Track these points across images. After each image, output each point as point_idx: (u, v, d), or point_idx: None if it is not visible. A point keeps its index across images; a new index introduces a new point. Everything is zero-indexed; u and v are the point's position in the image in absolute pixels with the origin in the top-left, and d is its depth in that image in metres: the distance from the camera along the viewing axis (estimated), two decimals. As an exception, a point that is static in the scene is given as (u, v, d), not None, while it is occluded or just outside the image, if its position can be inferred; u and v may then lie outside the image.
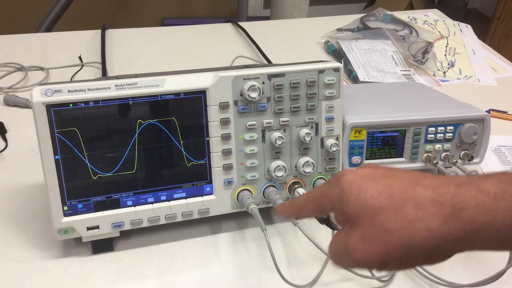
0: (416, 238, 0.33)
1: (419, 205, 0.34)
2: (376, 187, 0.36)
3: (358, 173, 0.38)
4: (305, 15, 2.33)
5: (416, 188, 0.35)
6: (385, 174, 0.37)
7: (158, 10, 3.02)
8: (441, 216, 0.33)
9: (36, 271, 0.62)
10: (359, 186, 0.36)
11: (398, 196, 0.34)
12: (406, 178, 0.36)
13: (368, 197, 0.36)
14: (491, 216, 0.32)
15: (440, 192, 0.34)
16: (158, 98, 0.61)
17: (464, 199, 0.33)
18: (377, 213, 0.35)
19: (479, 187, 0.33)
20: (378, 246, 0.35)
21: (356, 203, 0.36)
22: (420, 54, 1.16)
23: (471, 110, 0.74)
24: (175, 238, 0.68)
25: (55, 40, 1.22)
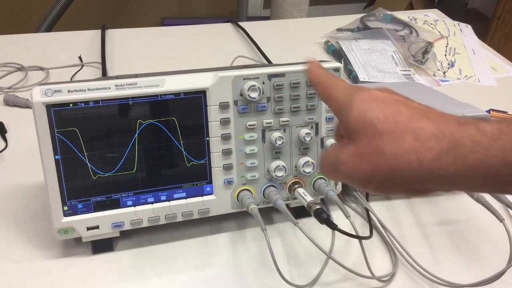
0: (404, 167, 0.35)
1: (418, 137, 0.34)
2: (385, 111, 0.36)
3: (373, 94, 0.38)
4: (305, 15, 2.33)
5: (421, 120, 0.35)
6: (398, 101, 0.37)
7: (158, 10, 3.02)
8: (435, 151, 0.34)
9: (36, 271, 0.62)
10: (369, 105, 0.37)
11: (402, 124, 0.35)
12: (415, 109, 0.36)
13: (374, 118, 0.36)
14: (483, 154, 0.33)
15: (441, 128, 0.34)
16: (158, 98, 0.61)
17: (462, 137, 0.34)
18: (377, 135, 0.36)
19: (478, 127, 0.34)
20: (367, 165, 0.36)
21: (360, 120, 0.37)
22: (420, 54, 1.16)
23: (471, 110, 0.74)
24: (175, 238, 0.68)
25: (55, 40, 1.22)
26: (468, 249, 0.69)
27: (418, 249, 0.68)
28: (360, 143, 0.37)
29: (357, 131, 0.37)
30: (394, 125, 0.35)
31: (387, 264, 0.66)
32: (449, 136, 0.34)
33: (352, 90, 0.39)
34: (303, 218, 0.70)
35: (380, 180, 0.36)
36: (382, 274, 0.64)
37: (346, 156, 0.37)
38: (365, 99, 0.37)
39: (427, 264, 0.65)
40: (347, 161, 0.37)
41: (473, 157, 0.33)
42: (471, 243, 0.70)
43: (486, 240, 0.70)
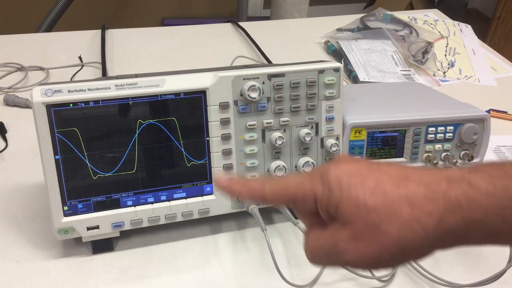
0: (412, 238, 0.33)
1: (413, 203, 0.33)
2: (367, 184, 0.34)
3: (344, 169, 0.36)
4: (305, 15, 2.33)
5: (408, 185, 0.33)
6: (372, 169, 0.35)
7: (158, 10, 3.02)
8: (435, 215, 0.32)
9: (36, 271, 0.62)
10: (349, 183, 0.35)
11: (392, 194, 0.33)
12: (395, 173, 0.35)
13: (360, 195, 0.34)
14: (482, 213, 0.32)
15: (432, 188, 0.33)
16: (158, 98, 0.61)
17: (456, 195, 0.32)
18: (371, 212, 0.33)
19: (470, 183, 0.32)
20: (372, 246, 0.34)
21: (348, 202, 0.34)
22: (420, 54, 1.16)
23: (471, 110, 0.74)
24: (175, 238, 0.68)
25: (55, 40, 1.22)
26: (468, 249, 0.69)
27: (418, 249, 0.68)
28: (355, 224, 0.34)
29: (347, 214, 0.34)
30: (384, 196, 0.33)
31: (387, 264, 0.66)
32: (442, 196, 0.32)
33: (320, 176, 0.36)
34: (303, 218, 0.70)
35: (390, 257, 0.34)
36: (382, 274, 0.64)
37: (345, 242, 0.35)
38: (341, 178, 0.35)
39: (427, 264, 0.65)
40: (349, 247, 0.35)
41: (473, 218, 0.32)
42: (471, 243, 0.70)
43: (486, 240, 0.70)
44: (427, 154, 0.73)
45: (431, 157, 0.73)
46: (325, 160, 0.69)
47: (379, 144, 0.72)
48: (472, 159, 0.75)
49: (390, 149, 0.73)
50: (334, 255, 0.36)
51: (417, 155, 0.73)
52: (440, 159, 0.74)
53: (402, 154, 0.73)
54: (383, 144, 0.72)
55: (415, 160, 0.74)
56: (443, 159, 0.74)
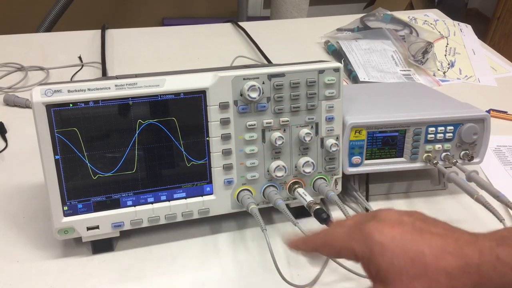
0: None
1: (451, 276, 0.37)
2: (409, 254, 0.38)
3: (387, 234, 0.39)
4: (305, 15, 2.33)
5: (446, 258, 0.37)
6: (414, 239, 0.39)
7: (158, 10, 3.02)
8: (470, 286, 0.36)
9: (36, 271, 0.62)
10: (392, 251, 0.38)
11: (431, 266, 0.37)
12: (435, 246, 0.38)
13: (402, 263, 0.38)
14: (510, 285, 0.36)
15: (467, 262, 0.37)
16: (158, 98, 0.61)
17: (488, 270, 0.36)
18: (412, 279, 0.37)
19: (498, 257, 0.36)
20: None
21: (391, 268, 0.38)
22: (420, 54, 1.16)
23: (471, 110, 0.74)
24: (175, 238, 0.68)
25: (55, 40, 1.22)
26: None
27: (418, 249, 0.68)
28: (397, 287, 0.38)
29: (389, 277, 0.38)
30: (424, 268, 0.37)
31: (387, 264, 0.66)
32: (476, 270, 0.36)
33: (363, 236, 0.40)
34: (303, 218, 0.70)
35: None
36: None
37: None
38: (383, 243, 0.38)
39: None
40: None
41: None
42: (471, 243, 0.70)
43: (486, 240, 0.70)
44: (427, 154, 0.73)
45: (431, 157, 0.73)
46: (325, 160, 0.69)
47: (379, 144, 0.72)
48: (472, 159, 0.75)
49: (390, 149, 0.73)
50: None
51: (417, 155, 0.73)
52: (440, 159, 0.74)
53: (402, 154, 0.73)
54: (383, 144, 0.72)
55: (415, 160, 0.74)
56: (443, 159, 0.74)
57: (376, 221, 0.40)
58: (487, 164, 0.86)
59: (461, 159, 0.75)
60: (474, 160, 0.75)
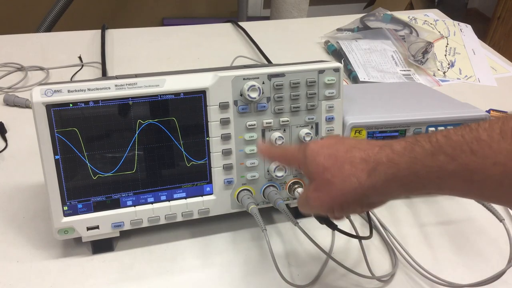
0: (350, 188, 0.45)
1: (353, 163, 0.45)
2: (327, 151, 0.48)
3: (318, 143, 0.50)
4: (305, 15, 2.33)
5: (353, 151, 0.46)
6: (337, 142, 0.49)
7: (158, 10, 3.02)
8: (367, 171, 0.44)
9: (36, 271, 0.62)
10: (317, 152, 0.49)
11: (340, 157, 0.46)
12: (348, 144, 0.48)
13: (321, 159, 0.48)
14: (396, 168, 0.42)
15: (367, 153, 0.45)
16: (158, 98, 0.61)
17: (381, 157, 0.44)
18: (325, 170, 0.47)
19: (391, 147, 0.44)
20: (325, 195, 0.47)
21: (313, 164, 0.48)
22: (420, 54, 1.16)
23: (471, 110, 0.74)
24: (175, 238, 0.68)
25: (55, 40, 1.22)
26: (468, 249, 0.69)
27: (418, 249, 0.68)
28: (316, 179, 0.48)
29: (313, 173, 0.48)
30: (335, 159, 0.47)
31: (387, 264, 0.66)
32: (373, 158, 0.44)
33: (303, 147, 0.51)
34: (303, 218, 0.70)
35: (339, 203, 0.47)
36: (382, 274, 0.64)
37: (310, 191, 0.49)
38: (313, 148, 0.49)
39: (427, 264, 0.65)
40: (311, 195, 0.49)
41: (390, 172, 0.43)
42: (471, 243, 0.70)
43: (486, 240, 0.70)
44: (427, 154, 0.73)
45: (431, 157, 0.73)
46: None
47: (379, 144, 0.72)
48: (472, 159, 0.75)
49: (390, 149, 0.73)
50: (306, 202, 0.50)
51: (417, 155, 0.73)
52: (440, 159, 0.74)
53: (402, 154, 0.73)
54: (383, 144, 0.72)
55: (415, 160, 0.73)
56: (443, 159, 0.74)
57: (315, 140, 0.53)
58: (487, 164, 0.85)
59: (461, 159, 0.74)
60: (474, 160, 0.75)
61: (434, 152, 0.40)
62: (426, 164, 0.41)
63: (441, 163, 0.40)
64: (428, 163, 0.41)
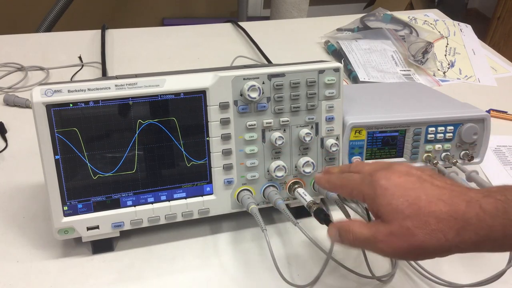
0: (435, 243, 0.43)
1: (439, 219, 0.43)
2: (407, 198, 0.45)
3: (391, 180, 0.46)
4: (305, 15, 2.33)
5: (438, 204, 0.44)
6: (415, 187, 0.46)
7: (158, 10, 3.02)
8: (455, 229, 0.43)
9: (36, 271, 0.62)
10: (392, 193, 0.46)
11: (424, 208, 0.44)
12: (431, 194, 0.45)
13: (399, 204, 0.45)
14: (489, 230, 0.41)
15: (455, 209, 0.43)
16: (158, 98, 0.61)
17: (471, 216, 0.42)
18: (405, 218, 0.44)
19: (481, 206, 0.42)
20: (403, 243, 0.44)
21: (389, 207, 0.45)
22: (420, 54, 1.16)
23: (471, 110, 0.74)
24: (175, 238, 0.68)
25: (55, 40, 1.22)
26: (468, 249, 0.69)
27: (418, 249, 0.68)
28: (392, 224, 0.45)
29: (386, 215, 0.45)
30: (418, 210, 0.44)
31: (387, 264, 0.66)
32: (461, 216, 0.43)
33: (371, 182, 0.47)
34: (303, 218, 0.70)
35: (416, 254, 0.45)
36: (382, 274, 0.64)
37: (382, 235, 0.45)
38: (387, 188, 0.46)
39: (427, 264, 0.65)
40: (384, 239, 0.45)
41: (482, 233, 0.42)
42: (471, 243, 0.70)
43: (486, 240, 0.70)
44: (427, 154, 0.73)
45: (431, 157, 0.73)
46: (325, 160, 0.69)
47: (379, 144, 0.72)
48: (472, 159, 0.75)
49: (390, 149, 0.73)
50: (371, 242, 0.46)
51: (417, 155, 0.73)
52: (440, 159, 0.74)
53: (402, 154, 0.73)
54: (383, 144, 0.72)
55: (415, 160, 0.74)
56: (443, 159, 0.74)
57: (387, 170, 0.48)
58: (487, 164, 0.86)
59: (461, 159, 0.75)
60: (474, 160, 0.75)
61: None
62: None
63: None
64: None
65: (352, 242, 0.48)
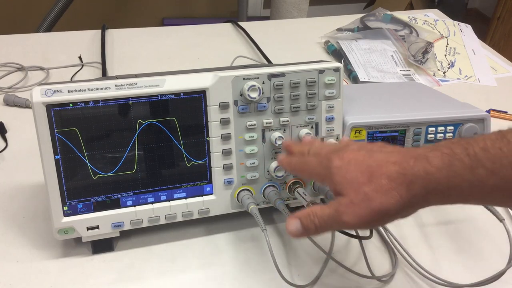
0: (392, 202, 0.44)
1: (390, 178, 0.45)
2: (359, 169, 0.47)
3: (344, 159, 0.48)
4: (305, 15, 2.33)
5: (387, 165, 0.46)
6: (365, 158, 0.47)
7: (158, 10, 3.02)
8: (405, 185, 0.44)
9: (36, 271, 0.62)
10: (346, 169, 0.48)
11: (376, 173, 0.46)
12: (379, 158, 0.47)
13: (353, 176, 0.47)
14: (436, 182, 0.43)
15: (403, 166, 0.45)
16: (158, 98, 0.61)
17: (418, 170, 0.44)
18: (361, 185, 0.46)
19: (427, 159, 0.44)
20: (364, 210, 0.45)
21: (343, 181, 0.47)
22: (420, 54, 1.16)
23: (471, 110, 0.74)
24: (175, 238, 0.68)
25: (55, 40, 1.22)
26: (468, 249, 0.69)
27: (418, 249, 0.68)
28: (350, 195, 0.46)
29: (344, 189, 0.47)
30: (370, 175, 0.46)
31: (387, 264, 0.66)
32: (410, 171, 0.44)
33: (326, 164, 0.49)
34: (303, 218, 0.70)
35: (378, 219, 0.46)
36: (382, 274, 0.64)
37: (344, 206, 0.47)
38: (340, 166, 0.48)
39: (427, 264, 0.65)
40: (346, 210, 0.46)
41: (430, 186, 0.43)
42: (471, 243, 0.70)
43: (486, 240, 0.70)
44: (427, 154, 0.73)
45: (431, 157, 0.73)
46: (325, 160, 0.69)
47: (379, 144, 0.72)
48: (472, 159, 0.75)
49: (390, 149, 0.73)
50: (335, 217, 0.47)
51: (417, 155, 0.73)
52: (440, 159, 0.74)
53: (402, 154, 0.73)
54: (383, 144, 0.72)
55: (415, 160, 0.73)
56: (443, 159, 0.74)
57: (341, 151, 0.49)
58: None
59: (461, 159, 0.75)
60: (474, 160, 0.75)
61: (473, 166, 0.41)
62: (466, 178, 0.41)
63: (481, 177, 0.41)
64: (468, 177, 0.41)
65: (318, 224, 0.48)
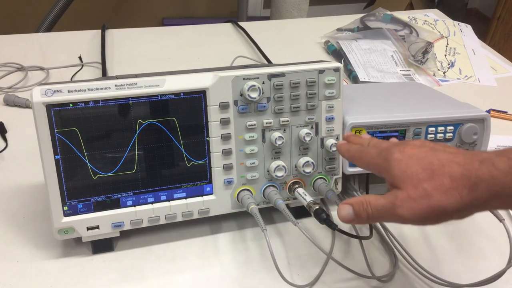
0: (452, 201, 0.44)
1: (453, 178, 0.44)
2: (421, 165, 0.46)
3: (405, 153, 0.48)
4: (305, 15, 2.33)
5: (451, 165, 0.45)
6: (428, 155, 0.47)
7: (158, 10, 3.02)
8: (468, 187, 0.44)
9: (36, 271, 0.62)
10: (406, 163, 0.47)
11: (438, 171, 0.45)
12: (444, 158, 0.46)
13: (414, 171, 0.46)
14: (501, 187, 0.42)
15: (468, 168, 0.44)
16: (158, 98, 0.61)
17: (483, 173, 0.43)
18: (420, 181, 0.46)
19: (493, 164, 0.43)
20: (422, 206, 0.45)
21: (404, 174, 0.47)
22: (420, 54, 1.16)
23: (471, 110, 0.74)
24: (175, 238, 0.68)
25: (55, 40, 1.22)
26: (468, 249, 0.69)
27: (418, 249, 0.68)
28: (409, 189, 0.46)
29: (402, 183, 0.47)
30: (432, 172, 0.46)
31: (387, 264, 0.66)
32: (474, 174, 0.44)
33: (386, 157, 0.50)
34: (303, 218, 0.70)
35: (435, 216, 0.45)
36: (382, 274, 0.64)
37: (400, 200, 0.46)
38: (401, 160, 0.48)
39: (427, 264, 0.65)
40: (403, 204, 0.46)
41: (494, 190, 0.43)
42: (471, 243, 0.70)
43: (486, 240, 0.70)
44: (427, 154, 0.73)
45: (431, 157, 0.73)
46: (325, 160, 0.69)
47: (379, 144, 0.72)
48: (472, 159, 0.75)
49: (390, 149, 0.73)
50: (390, 209, 0.47)
51: (417, 155, 0.73)
52: (440, 159, 0.74)
53: (402, 154, 0.73)
54: (383, 144, 0.72)
55: (415, 160, 0.73)
56: (443, 159, 0.74)
57: (401, 145, 0.50)
58: (487, 164, 0.85)
59: (461, 159, 0.74)
60: (474, 160, 0.75)
61: None
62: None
63: None
64: None
65: (370, 213, 0.48)
